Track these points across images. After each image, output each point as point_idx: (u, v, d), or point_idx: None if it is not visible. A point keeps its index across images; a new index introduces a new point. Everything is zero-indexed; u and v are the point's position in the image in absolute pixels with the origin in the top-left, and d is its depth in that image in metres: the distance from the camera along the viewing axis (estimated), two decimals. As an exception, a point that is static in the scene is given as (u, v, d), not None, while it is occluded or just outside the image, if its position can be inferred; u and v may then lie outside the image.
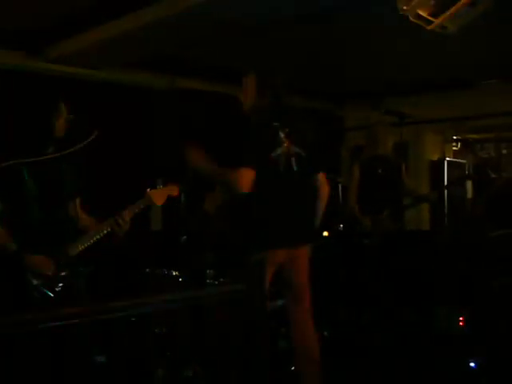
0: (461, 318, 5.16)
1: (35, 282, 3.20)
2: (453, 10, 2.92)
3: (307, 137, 3.88)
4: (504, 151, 9.23)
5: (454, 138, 8.42)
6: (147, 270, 4.72)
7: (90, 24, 4.56)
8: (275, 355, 4.67)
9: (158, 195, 3.69)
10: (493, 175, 7.02)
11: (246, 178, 3.66)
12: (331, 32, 4.83)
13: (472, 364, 4.42)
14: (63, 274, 3.30)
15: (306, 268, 3.99)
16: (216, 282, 4.70)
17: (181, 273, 4.61)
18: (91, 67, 5.41)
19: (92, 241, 3.40)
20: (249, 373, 3.06)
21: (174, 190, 3.82)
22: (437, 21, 3.00)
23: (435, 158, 7.91)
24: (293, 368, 4.34)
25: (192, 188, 4.34)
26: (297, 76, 6.44)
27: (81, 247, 3.37)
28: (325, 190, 3.92)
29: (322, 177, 3.91)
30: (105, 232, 3.43)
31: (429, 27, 3.06)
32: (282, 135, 3.82)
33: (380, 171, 5.60)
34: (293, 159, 3.82)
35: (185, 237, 4.68)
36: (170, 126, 6.11)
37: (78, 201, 3.59)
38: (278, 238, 3.85)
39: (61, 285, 3.29)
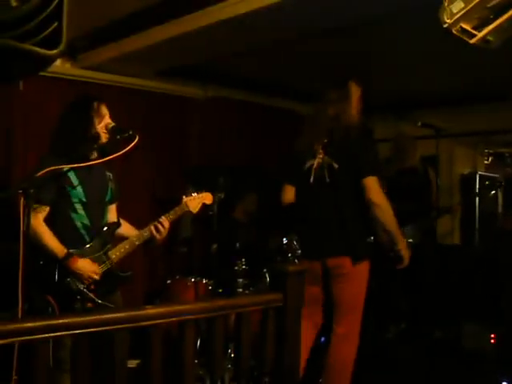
0: (492, 336, 5.09)
1: (80, 286, 3.24)
2: (498, 23, 2.90)
3: (346, 148, 3.79)
4: (535, 166, 9.11)
5: (486, 151, 8.33)
6: (177, 277, 4.75)
7: (126, 32, 4.61)
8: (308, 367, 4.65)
9: (194, 202, 3.74)
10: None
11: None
12: (360, 43, 4.82)
13: (505, 383, 4.36)
14: (106, 277, 3.35)
15: (348, 286, 3.80)
16: (246, 291, 4.71)
17: (211, 281, 4.63)
18: (126, 74, 5.46)
19: (132, 247, 3.45)
20: (280, 382, 3.05)
21: (208, 198, 3.87)
22: (480, 34, 2.97)
23: (466, 171, 7.83)
24: (320, 380, 4.30)
25: (223, 196, 4.34)
26: (327, 88, 6.47)
27: (121, 253, 3.42)
28: (374, 196, 3.67)
29: (369, 183, 3.69)
30: (145, 238, 3.47)
31: (471, 41, 3.03)
32: (318, 146, 3.82)
33: (405, 183, 5.56)
34: (326, 170, 3.79)
35: (215, 245, 4.69)
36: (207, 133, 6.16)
37: (115, 206, 3.63)
38: (309, 248, 3.83)
39: (103, 289, 3.33)
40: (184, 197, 3.72)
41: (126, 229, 3.62)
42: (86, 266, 3.26)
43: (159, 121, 5.77)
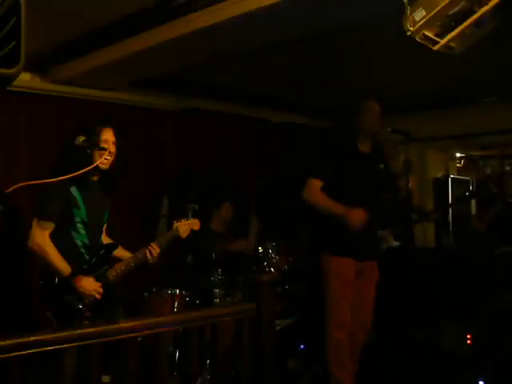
0: (468, 336, 5.15)
1: (78, 305, 3.26)
2: (459, 30, 2.96)
3: None
4: (507, 168, 9.24)
5: (458, 155, 8.45)
6: (154, 289, 4.73)
7: (96, 45, 4.60)
8: (284, 373, 4.67)
9: (183, 228, 3.88)
10: (496, 191, 7.04)
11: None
12: (333, 50, 4.86)
13: (481, 382, 4.41)
14: (103, 297, 3.39)
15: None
16: (223, 302, 4.71)
17: (188, 292, 4.63)
18: (97, 88, 5.45)
19: (128, 268, 3.57)
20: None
21: (195, 224, 3.99)
22: (443, 41, 3.03)
23: (439, 175, 7.93)
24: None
25: (199, 207, 4.38)
26: (299, 94, 6.52)
27: (118, 273, 3.52)
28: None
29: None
30: (140, 261, 3.61)
31: (435, 48, 3.09)
32: None
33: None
34: None
35: (191, 256, 4.72)
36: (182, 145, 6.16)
37: (105, 227, 3.72)
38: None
39: (101, 308, 3.39)
40: (175, 222, 3.88)
41: (119, 249, 3.74)
42: (90, 284, 3.31)
43: (133, 134, 5.76)
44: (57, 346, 2.21)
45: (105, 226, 3.69)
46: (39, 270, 3.34)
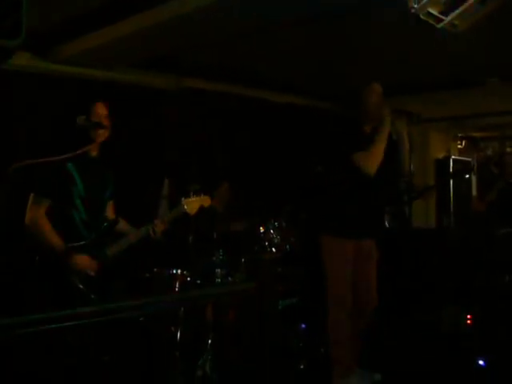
0: (468, 317, 5.16)
1: (76, 282, 3.25)
2: (463, 7, 2.93)
3: None
4: (508, 149, 9.23)
5: (459, 136, 8.44)
6: (155, 269, 4.74)
7: (97, 25, 4.56)
8: (286, 353, 4.68)
9: (192, 204, 3.81)
10: (496, 172, 7.02)
11: None
12: (333, 30, 4.82)
13: (481, 362, 4.43)
14: (102, 273, 3.40)
15: None
16: (225, 282, 4.71)
17: (189, 272, 4.63)
18: (97, 67, 5.41)
19: (128, 244, 3.54)
20: (260, 369, 3.09)
21: (206, 201, 3.93)
22: (447, 19, 3.01)
23: (441, 156, 7.92)
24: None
25: (200, 186, 4.36)
26: (300, 76, 6.48)
27: (119, 249, 3.50)
28: None
29: None
30: (140, 237, 3.59)
31: (438, 25, 3.06)
32: None
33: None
34: None
35: (192, 236, 4.71)
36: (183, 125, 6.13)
37: (113, 203, 3.72)
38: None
39: (100, 285, 3.38)
40: (183, 198, 3.81)
41: (122, 225, 3.71)
42: (85, 262, 3.31)
43: (133, 113, 5.73)
44: (58, 325, 2.20)
45: (110, 202, 3.69)
46: (36, 247, 3.32)
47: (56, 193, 3.33)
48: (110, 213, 3.70)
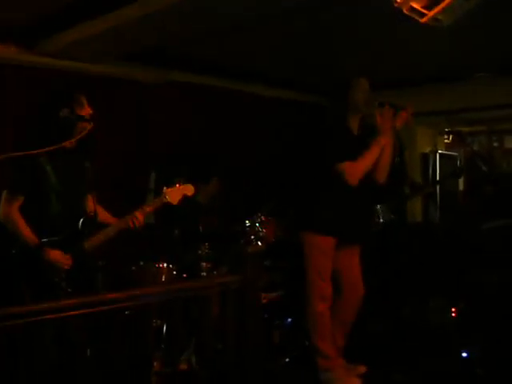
0: (453, 309, 5.20)
1: (53, 276, 3.25)
2: (446, 2, 2.95)
3: None
4: (495, 144, 9.29)
5: (446, 130, 8.45)
6: (141, 263, 4.73)
7: (83, 17, 4.53)
8: (270, 346, 4.70)
9: (174, 194, 3.74)
10: (484, 168, 7.06)
11: None
12: (320, 24, 4.82)
13: (464, 354, 4.48)
14: (80, 268, 3.39)
15: None
16: (211, 275, 4.72)
17: (175, 266, 4.63)
18: (85, 61, 5.39)
19: (107, 237, 3.50)
20: (243, 363, 3.09)
21: (189, 190, 3.85)
22: (430, 13, 3.02)
23: (427, 150, 7.94)
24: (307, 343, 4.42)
25: (186, 181, 4.35)
26: (288, 70, 6.48)
27: (97, 242, 3.46)
28: None
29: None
30: (120, 229, 3.55)
31: (422, 20, 3.08)
32: None
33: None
34: None
35: (177, 230, 4.72)
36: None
37: (93, 195, 3.63)
38: None
39: (78, 279, 3.37)
40: (165, 188, 3.74)
41: (103, 217, 3.67)
42: (57, 257, 3.29)
43: (118, 107, 5.71)
44: (37, 318, 2.20)
45: (90, 195, 3.62)
46: (13, 240, 3.31)
47: (28, 188, 3.31)
48: (90, 206, 3.61)
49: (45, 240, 3.29)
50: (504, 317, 4.74)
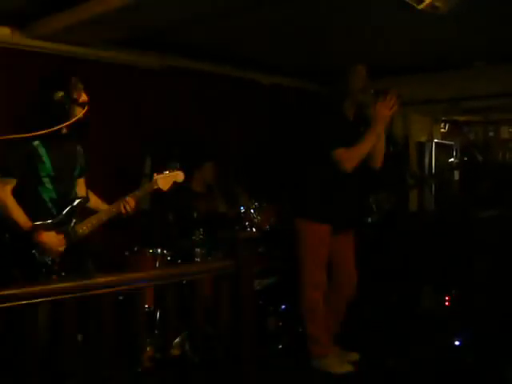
0: (446, 298, 5.22)
1: (46, 259, 3.24)
2: (444, -12, 2.93)
3: None
4: (491, 134, 9.29)
5: (442, 119, 8.45)
6: (135, 248, 4.73)
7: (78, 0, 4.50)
8: (263, 333, 4.71)
9: (165, 180, 3.80)
10: (479, 157, 7.07)
11: None
12: (320, 12, 4.79)
13: (456, 342, 4.49)
14: (72, 251, 3.39)
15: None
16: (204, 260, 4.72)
17: (170, 252, 4.63)
18: (79, 44, 5.35)
19: (100, 222, 3.51)
20: (237, 349, 3.09)
21: (179, 176, 3.90)
22: (427, 0, 3.00)
23: (423, 139, 7.93)
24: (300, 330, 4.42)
25: (180, 166, 4.34)
26: (287, 56, 6.44)
27: (90, 226, 3.47)
28: None
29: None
30: (112, 214, 3.56)
31: (419, 6, 3.06)
32: None
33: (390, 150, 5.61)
34: None
35: (172, 215, 4.71)
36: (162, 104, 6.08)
37: (84, 180, 3.67)
38: None
39: (70, 262, 3.37)
40: (155, 174, 3.80)
41: (94, 202, 3.68)
42: (52, 239, 3.29)
43: (114, 91, 5.67)
44: (29, 301, 2.19)
45: (82, 179, 3.65)
46: (6, 224, 3.30)
47: (21, 172, 3.30)
48: (81, 190, 3.63)
49: (38, 223, 3.27)
50: (494, 304, 4.77)
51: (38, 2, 4.59)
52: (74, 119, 3.24)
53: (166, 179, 3.80)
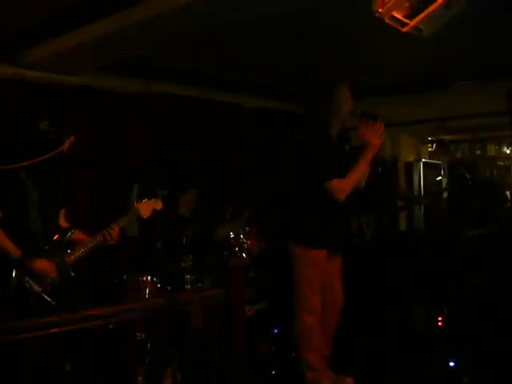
0: (439, 318, 5.20)
1: (37, 288, 3.23)
2: (427, 11, 2.94)
3: None
4: (478, 152, 9.35)
5: (430, 139, 8.50)
6: (124, 276, 4.68)
7: (63, 29, 4.50)
8: (256, 358, 4.65)
9: (145, 208, 3.91)
10: (467, 175, 7.10)
11: None
12: (304, 33, 4.82)
13: (451, 364, 4.46)
14: (62, 280, 3.39)
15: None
16: (195, 288, 4.67)
17: (159, 279, 4.58)
18: (65, 72, 5.35)
19: (86, 251, 3.55)
20: (228, 376, 3.05)
21: (158, 204, 4.01)
22: (411, 23, 3.01)
23: (411, 159, 7.97)
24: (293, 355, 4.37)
25: (168, 193, 4.34)
26: (271, 78, 6.47)
27: (76, 256, 3.51)
28: None
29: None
30: (98, 243, 3.61)
31: (404, 29, 3.07)
32: None
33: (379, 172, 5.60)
34: None
35: (161, 242, 4.69)
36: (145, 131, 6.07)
37: (63, 211, 3.72)
38: None
39: (59, 291, 3.36)
40: (135, 203, 3.90)
41: (77, 234, 3.71)
42: (44, 265, 3.30)
43: (98, 119, 5.66)
44: (19, 336, 2.15)
45: (62, 210, 3.68)
46: None
47: (8, 204, 3.31)
48: (61, 221, 3.70)
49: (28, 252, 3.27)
50: (486, 322, 4.76)
51: (22, 32, 4.60)
52: (58, 149, 3.22)
53: (146, 207, 3.90)
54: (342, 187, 3.96)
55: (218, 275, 4.21)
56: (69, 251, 3.50)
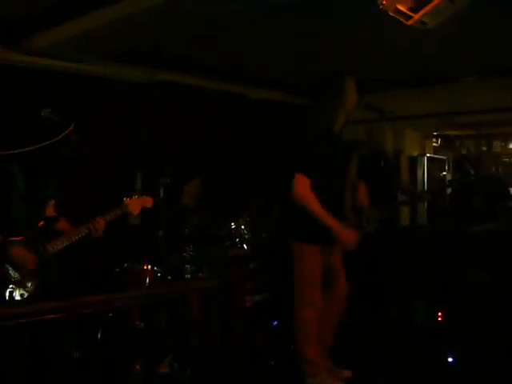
0: (439, 313, 5.19)
1: (16, 275, 3.25)
2: (432, 5, 2.93)
3: None
4: (484, 148, 9.31)
5: (434, 134, 8.46)
6: (125, 264, 4.69)
7: (68, 15, 4.49)
8: (255, 349, 4.66)
9: (134, 205, 3.97)
10: (472, 171, 7.07)
11: None
12: (308, 26, 4.79)
13: (450, 359, 4.46)
14: (42, 270, 3.38)
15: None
16: (194, 277, 4.68)
17: (160, 268, 4.59)
18: (70, 60, 5.34)
19: (69, 242, 3.56)
20: (225, 366, 3.06)
21: (148, 201, 4.08)
22: (416, 16, 3.00)
23: (415, 153, 7.93)
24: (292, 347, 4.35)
25: (171, 181, 4.34)
26: (275, 70, 6.45)
27: (58, 246, 3.50)
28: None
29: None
30: (82, 234, 3.62)
31: (408, 22, 3.06)
32: None
33: (374, 167, 5.59)
34: None
35: (161, 231, 4.69)
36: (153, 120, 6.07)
37: (54, 202, 3.72)
38: None
39: (39, 281, 3.34)
40: (125, 198, 3.95)
41: (62, 224, 3.73)
42: (21, 255, 3.29)
43: (105, 107, 5.66)
44: (11, 321, 2.16)
45: (52, 200, 3.70)
46: None
47: None
48: (49, 211, 3.70)
49: (8, 240, 3.30)
50: (488, 318, 4.75)
51: (28, 18, 4.59)
52: (59, 136, 3.23)
53: (135, 203, 3.96)
54: (302, 197, 3.92)
55: (218, 265, 4.23)
56: (52, 240, 3.51)
